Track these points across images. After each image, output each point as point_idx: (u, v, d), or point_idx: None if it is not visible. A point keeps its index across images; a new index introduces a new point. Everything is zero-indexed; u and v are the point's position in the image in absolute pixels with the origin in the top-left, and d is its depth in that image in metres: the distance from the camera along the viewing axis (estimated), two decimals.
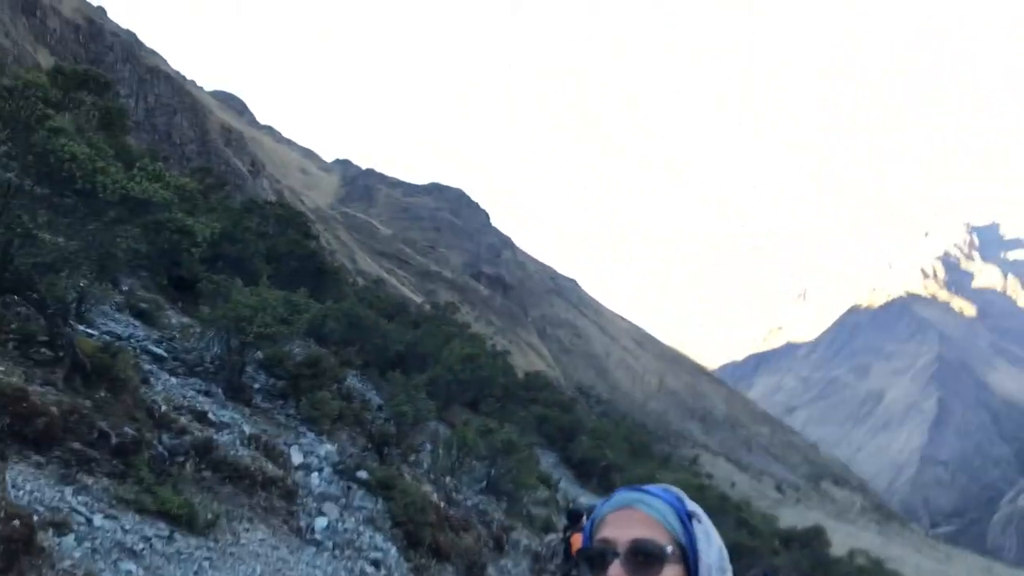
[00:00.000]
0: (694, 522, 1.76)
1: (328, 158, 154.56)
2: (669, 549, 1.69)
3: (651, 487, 1.81)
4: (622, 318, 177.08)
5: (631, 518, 1.73)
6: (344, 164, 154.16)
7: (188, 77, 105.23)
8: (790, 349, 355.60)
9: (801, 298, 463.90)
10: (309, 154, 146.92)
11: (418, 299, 78.05)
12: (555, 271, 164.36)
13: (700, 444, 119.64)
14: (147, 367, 12.32)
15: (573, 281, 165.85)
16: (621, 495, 1.78)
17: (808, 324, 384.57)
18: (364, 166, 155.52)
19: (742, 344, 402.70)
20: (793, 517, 66.38)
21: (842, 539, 57.45)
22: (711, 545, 1.75)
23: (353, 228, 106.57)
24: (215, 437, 10.84)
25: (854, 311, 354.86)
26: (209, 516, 9.36)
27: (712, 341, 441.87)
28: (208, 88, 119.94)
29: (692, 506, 1.82)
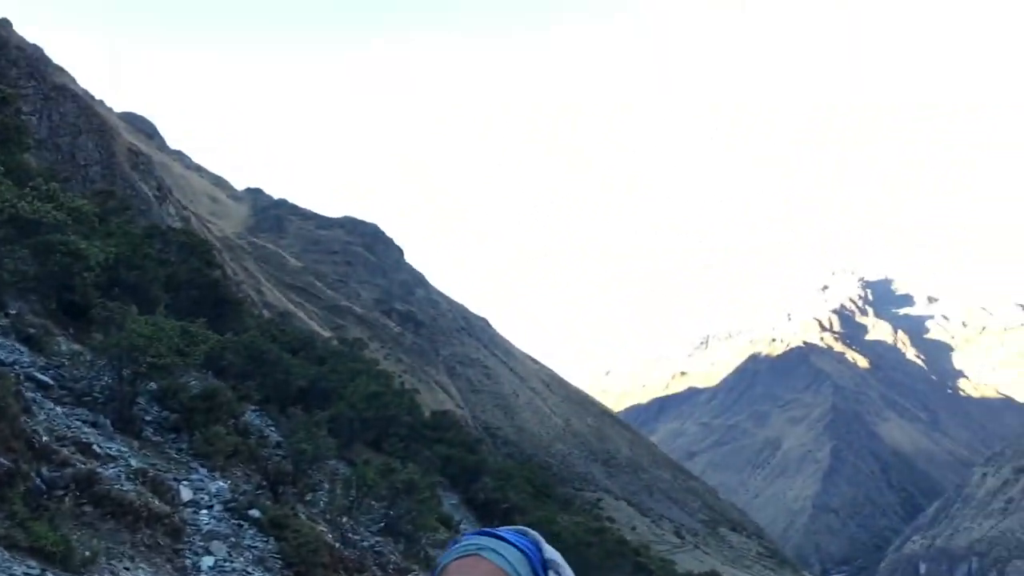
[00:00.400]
0: (551, 573, 1.55)
1: (239, 186, 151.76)
2: None
3: (504, 530, 1.61)
4: (532, 359, 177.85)
5: (475, 569, 1.50)
6: (255, 193, 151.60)
7: (97, 97, 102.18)
8: (692, 394, 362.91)
9: (704, 345, 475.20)
10: (219, 181, 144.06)
11: (326, 334, 76.81)
12: (467, 309, 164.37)
13: (603, 487, 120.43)
14: (30, 395, 11.74)
15: (484, 320, 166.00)
16: (466, 541, 1.55)
17: (710, 370, 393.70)
18: (276, 196, 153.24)
19: (648, 387, 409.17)
20: (691, 562, 67.30)
21: None
22: None
23: (261, 259, 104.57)
24: (99, 470, 10.38)
25: (754, 359, 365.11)
26: (87, 553, 8.93)
27: (620, 382, 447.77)
28: (118, 109, 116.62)
29: (551, 553, 1.60)
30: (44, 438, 10.15)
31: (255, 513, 11.71)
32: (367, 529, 16.68)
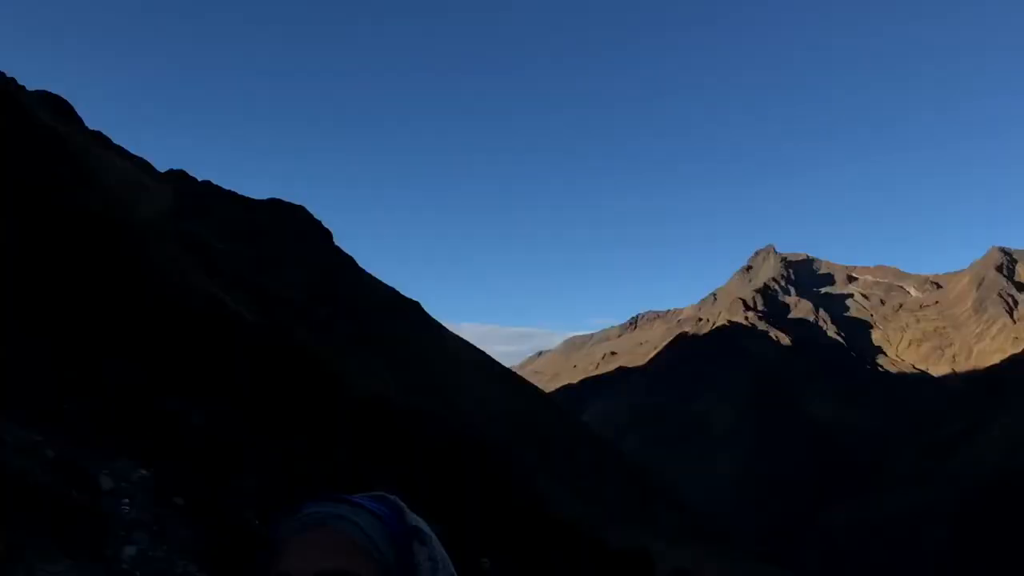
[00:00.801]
0: (415, 544, 1.25)
1: (162, 167, 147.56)
2: None
3: (358, 496, 1.32)
4: (464, 341, 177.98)
5: (320, 542, 1.22)
6: (179, 175, 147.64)
7: (7, 74, 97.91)
8: (622, 374, 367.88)
9: (632, 326, 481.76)
10: (141, 163, 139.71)
11: (253, 319, 75.46)
12: (398, 292, 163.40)
13: (538, 467, 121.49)
14: None
15: (416, 303, 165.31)
16: (309, 510, 1.27)
17: (639, 350, 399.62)
18: (201, 178, 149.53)
19: (579, 368, 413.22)
20: (621, 539, 68.36)
21: (668, 560, 59.70)
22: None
23: (185, 243, 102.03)
24: (12, 461, 10.04)
25: (682, 339, 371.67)
26: (1, 548, 8.64)
27: (552, 363, 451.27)
28: (32, 87, 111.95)
29: (415, 520, 1.30)
30: None
31: (179, 500, 11.48)
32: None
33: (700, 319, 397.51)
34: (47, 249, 20.13)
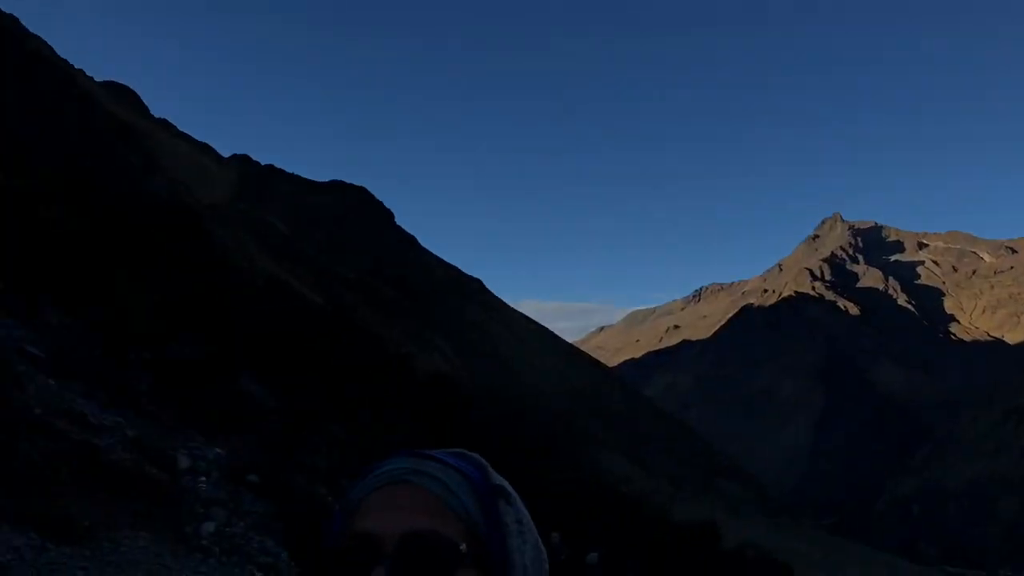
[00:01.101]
0: (501, 503, 1.15)
1: (226, 153, 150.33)
2: (462, 547, 1.08)
3: (439, 452, 1.21)
4: (527, 317, 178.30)
5: (405, 500, 1.10)
6: (242, 160, 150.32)
7: (77, 66, 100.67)
8: (686, 347, 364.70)
9: (696, 298, 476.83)
10: (205, 149, 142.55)
11: (318, 300, 76.72)
12: (460, 271, 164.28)
13: (601, 441, 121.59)
14: (21, 368, 11.71)
15: (478, 281, 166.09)
16: (390, 465, 1.15)
17: (702, 323, 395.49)
18: (264, 161, 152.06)
19: (641, 342, 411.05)
20: (686, 512, 68.09)
21: (733, 533, 59.26)
22: (525, 539, 1.15)
23: (250, 227, 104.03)
24: (95, 441, 10.39)
25: (747, 310, 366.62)
26: (86, 523, 8.96)
27: (614, 338, 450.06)
28: (99, 78, 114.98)
29: (499, 479, 1.19)
30: (38, 411, 10.14)
31: (253, 478, 11.76)
32: None
33: (765, 290, 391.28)
34: (118, 234, 20.70)
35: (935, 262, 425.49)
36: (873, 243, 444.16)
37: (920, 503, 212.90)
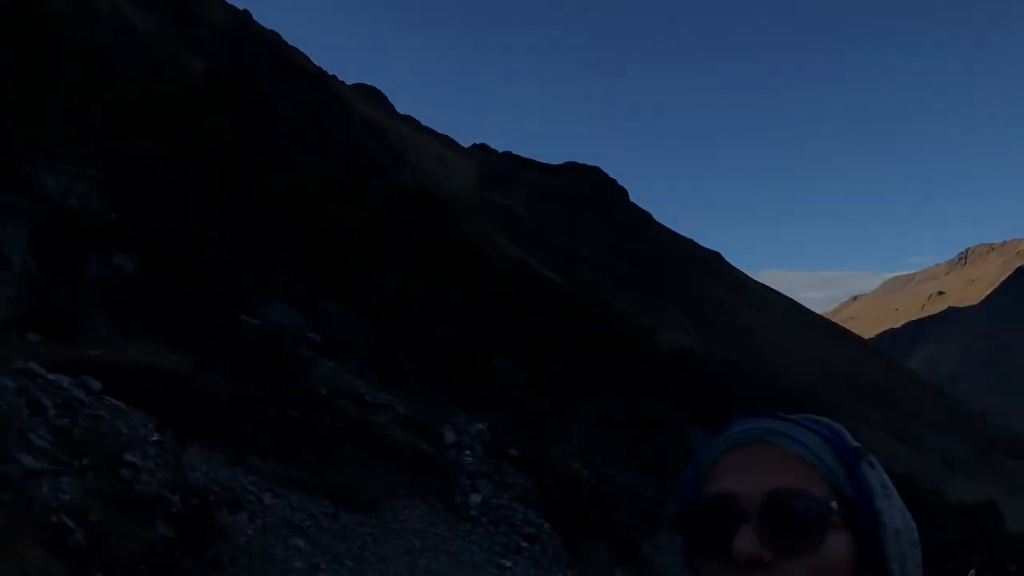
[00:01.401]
0: (864, 466, 1.06)
1: (466, 143, 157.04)
2: (833, 504, 0.99)
3: (794, 415, 1.13)
4: (770, 289, 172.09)
5: (763, 459, 1.03)
6: (481, 149, 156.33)
7: (329, 73, 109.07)
8: (952, 315, 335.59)
9: (961, 261, 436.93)
10: (447, 141, 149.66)
11: (559, 280, 78.44)
12: (696, 244, 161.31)
13: (858, 417, 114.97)
14: (305, 353, 12.91)
15: (717, 253, 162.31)
16: (746, 425, 1.09)
17: (971, 288, 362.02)
18: (501, 149, 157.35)
19: (901, 311, 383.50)
20: (961, 492, 62.83)
21: (1018, 513, 53.92)
22: (892, 503, 1.05)
23: (492, 213, 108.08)
24: (371, 418, 11.26)
25: (1022, 272, 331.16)
26: (369, 494, 9.75)
27: (870, 307, 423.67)
28: (349, 82, 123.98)
29: (856, 442, 1.11)
30: (322, 391, 11.13)
31: (514, 452, 12.23)
32: (621, 465, 16.98)
33: None
34: (380, 227, 22.24)
35: None
36: None
37: None
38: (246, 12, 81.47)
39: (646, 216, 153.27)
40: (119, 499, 7.15)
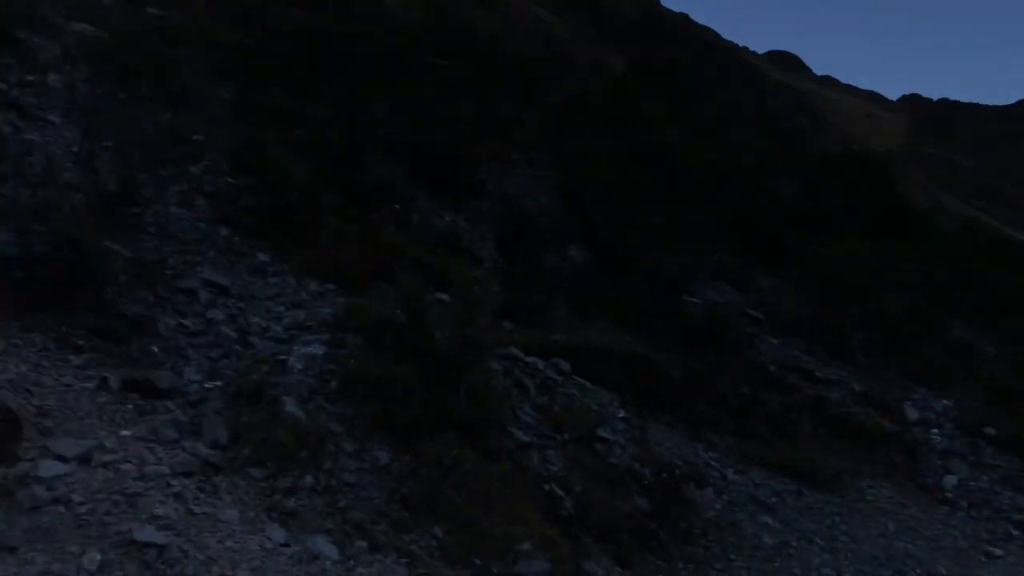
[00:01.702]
0: None
1: (894, 96, 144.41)
2: None
3: None
4: None
5: None
6: (912, 100, 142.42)
7: (740, 45, 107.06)
8: None
9: None
10: (873, 97, 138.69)
11: (1019, 236, 68.74)
12: None
13: None
14: (748, 330, 12.89)
15: None
16: None
17: None
18: (936, 97, 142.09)
19: None
20: None
21: None
22: None
23: (930, 167, 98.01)
24: (825, 394, 10.92)
25: None
26: (830, 472, 9.46)
27: None
28: (761, 51, 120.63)
29: None
30: (771, 368, 11.03)
31: (990, 431, 11.04)
32: None
33: None
34: (806, 195, 21.41)
35: None
36: None
37: None
38: (654, 1, 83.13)
39: None
40: (597, 471, 7.82)
